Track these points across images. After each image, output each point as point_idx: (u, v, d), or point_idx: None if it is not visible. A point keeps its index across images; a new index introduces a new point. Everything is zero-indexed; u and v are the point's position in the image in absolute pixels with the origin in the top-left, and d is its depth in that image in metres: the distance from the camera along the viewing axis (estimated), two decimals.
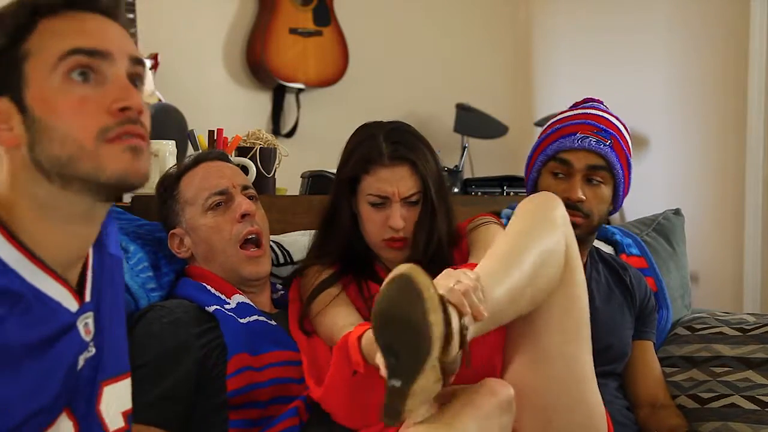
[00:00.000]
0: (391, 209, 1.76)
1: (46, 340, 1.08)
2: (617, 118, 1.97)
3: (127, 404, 1.24)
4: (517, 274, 1.48)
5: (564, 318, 1.56)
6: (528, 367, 1.55)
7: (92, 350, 1.17)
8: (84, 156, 1.05)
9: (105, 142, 1.06)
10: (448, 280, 1.41)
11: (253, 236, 1.77)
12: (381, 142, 1.78)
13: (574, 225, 1.88)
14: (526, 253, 1.51)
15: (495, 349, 1.55)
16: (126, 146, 1.07)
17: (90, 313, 1.16)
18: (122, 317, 1.26)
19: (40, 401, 1.08)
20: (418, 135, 1.85)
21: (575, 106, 2.01)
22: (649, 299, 2.07)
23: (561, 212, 1.60)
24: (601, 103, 2.02)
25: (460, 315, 1.35)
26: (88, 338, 1.16)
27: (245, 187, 1.81)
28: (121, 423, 1.22)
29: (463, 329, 1.34)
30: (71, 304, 1.12)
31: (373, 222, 1.78)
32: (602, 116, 1.94)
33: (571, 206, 1.87)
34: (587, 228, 1.91)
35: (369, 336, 1.47)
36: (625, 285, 2.04)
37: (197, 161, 1.84)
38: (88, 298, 1.15)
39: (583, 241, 1.94)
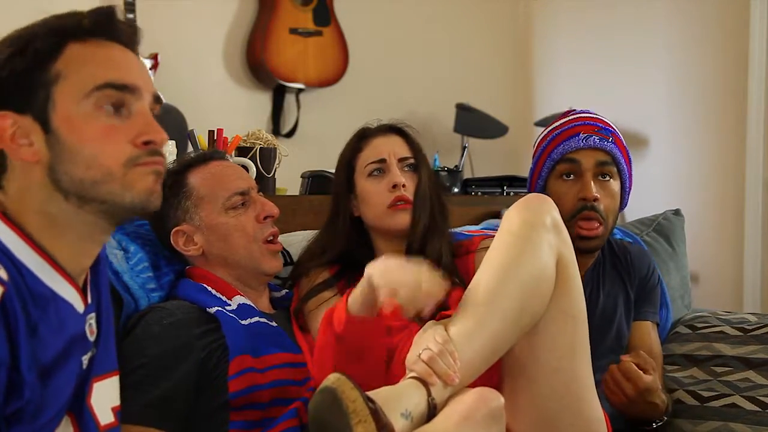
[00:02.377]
0: (391, 172, 1.82)
1: (67, 345, 1.12)
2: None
3: (116, 401, 1.27)
4: (496, 322, 1.47)
5: (561, 334, 1.54)
6: (526, 382, 1.55)
7: (94, 350, 1.19)
8: (111, 179, 1.10)
9: (133, 167, 1.11)
10: (417, 348, 1.43)
11: (272, 237, 1.80)
12: (373, 125, 1.89)
13: (595, 237, 1.89)
14: (507, 294, 1.48)
15: (493, 366, 1.55)
16: (152, 169, 1.13)
17: (93, 314, 1.19)
18: (111, 315, 1.28)
19: (61, 401, 1.12)
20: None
21: (562, 117, 2.04)
22: (650, 277, 2.05)
23: (552, 218, 1.55)
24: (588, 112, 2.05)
25: (428, 389, 1.38)
26: (92, 338, 1.19)
27: (258, 190, 1.84)
28: (111, 418, 1.24)
29: (430, 407, 1.37)
30: (80, 305, 1.15)
31: (376, 193, 1.83)
32: (598, 117, 1.99)
33: (588, 207, 1.88)
34: (604, 236, 1.93)
35: (356, 292, 1.50)
36: (624, 267, 2.03)
37: (205, 158, 1.83)
38: (89, 299, 1.18)
39: (596, 249, 1.94)
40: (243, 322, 1.68)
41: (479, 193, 2.92)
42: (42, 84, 1.09)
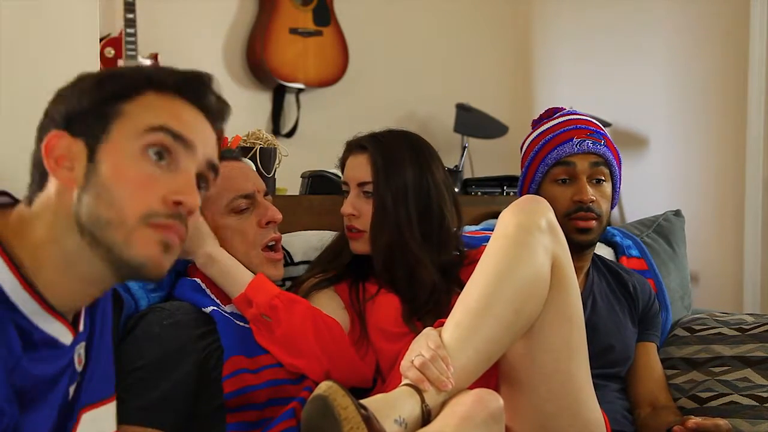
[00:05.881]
0: (347, 199, 1.83)
1: (53, 377, 1.10)
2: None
3: (111, 428, 1.24)
4: (490, 327, 1.47)
5: (557, 335, 1.55)
6: (523, 385, 1.55)
7: (80, 379, 1.17)
8: (120, 227, 1.05)
9: (145, 226, 1.06)
10: (410, 354, 1.44)
11: (273, 243, 1.79)
12: (360, 136, 1.85)
13: (590, 230, 1.90)
14: (501, 299, 1.48)
15: (491, 370, 1.55)
16: (161, 237, 1.07)
17: (82, 343, 1.16)
18: (109, 342, 1.25)
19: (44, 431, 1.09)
20: (413, 146, 1.85)
21: (549, 117, 2.04)
22: (653, 303, 2.08)
23: (547, 219, 1.55)
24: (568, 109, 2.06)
25: (421, 395, 1.39)
26: (79, 368, 1.16)
27: (265, 193, 1.83)
28: None
29: (424, 413, 1.38)
30: (67, 338, 1.12)
31: (343, 216, 1.85)
32: (588, 119, 2.01)
33: (584, 209, 1.89)
34: (600, 230, 1.94)
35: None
36: (627, 291, 2.05)
37: None
38: (81, 328, 1.16)
39: (592, 244, 1.96)
40: (238, 323, 1.68)
41: (479, 193, 2.91)
42: (106, 116, 1.08)
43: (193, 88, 1.12)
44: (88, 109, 1.08)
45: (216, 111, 1.15)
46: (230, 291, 1.69)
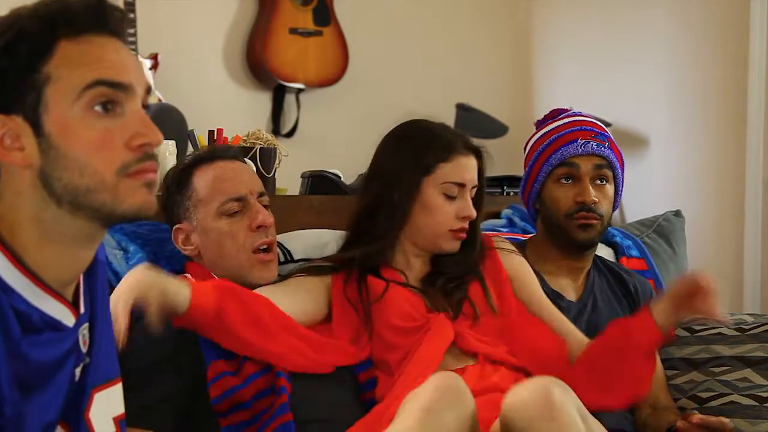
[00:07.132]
0: (464, 199, 1.81)
1: (57, 361, 1.09)
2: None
3: (119, 409, 1.24)
4: None
5: None
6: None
7: (87, 360, 1.17)
8: (103, 189, 1.05)
9: (125, 177, 1.06)
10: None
11: (266, 247, 1.77)
12: (454, 132, 1.89)
13: (591, 227, 1.92)
14: None
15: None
16: (143, 182, 1.08)
17: (86, 324, 1.16)
18: (109, 321, 1.25)
19: (50, 416, 1.09)
20: None
21: (553, 117, 2.05)
22: None
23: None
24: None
25: None
26: (85, 349, 1.16)
27: (261, 194, 1.80)
28: (112, 429, 1.21)
29: None
30: (70, 320, 1.12)
31: (445, 213, 1.80)
32: (592, 121, 2.02)
33: (586, 209, 1.90)
34: (601, 229, 1.95)
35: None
36: (628, 291, 2.05)
37: (213, 157, 1.82)
38: (82, 309, 1.15)
39: (593, 244, 1.96)
40: None
41: None
42: (32, 85, 1.04)
43: (99, 17, 1.08)
44: (6, 82, 1.04)
45: (122, 26, 1.11)
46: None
